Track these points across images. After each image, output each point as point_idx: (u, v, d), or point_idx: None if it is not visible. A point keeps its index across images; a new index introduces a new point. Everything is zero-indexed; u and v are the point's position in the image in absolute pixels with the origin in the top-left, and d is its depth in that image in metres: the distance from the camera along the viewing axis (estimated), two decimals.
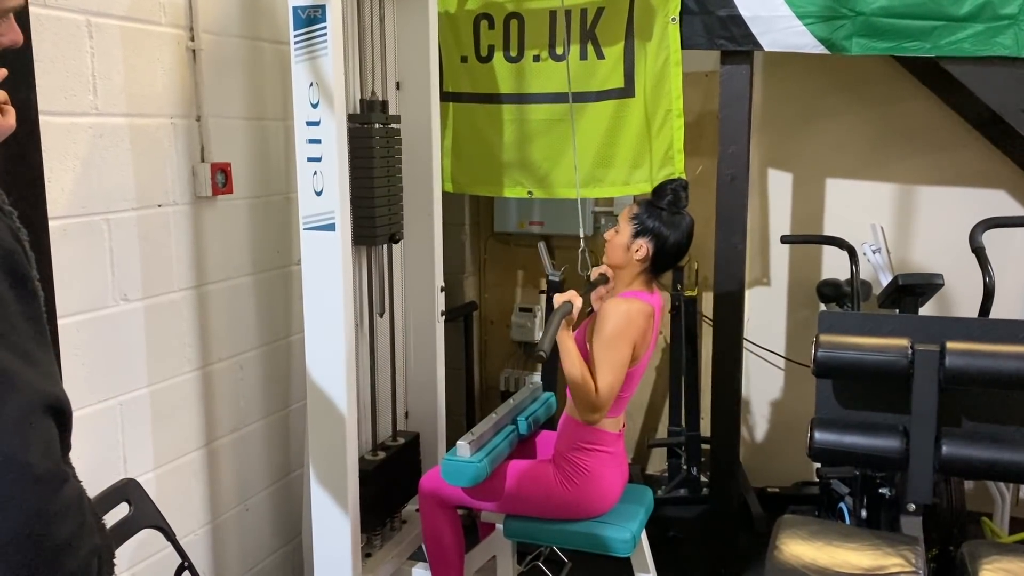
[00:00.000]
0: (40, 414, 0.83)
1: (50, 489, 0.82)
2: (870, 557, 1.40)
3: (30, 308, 0.87)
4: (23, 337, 0.84)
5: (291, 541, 3.02)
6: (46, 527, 0.81)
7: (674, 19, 2.87)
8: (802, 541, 1.46)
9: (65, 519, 0.83)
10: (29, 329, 0.86)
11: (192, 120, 2.51)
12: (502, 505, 2.43)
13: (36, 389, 0.83)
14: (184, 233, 2.51)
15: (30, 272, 0.88)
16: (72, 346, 2.13)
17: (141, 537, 2.21)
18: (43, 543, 0.81)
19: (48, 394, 0.85)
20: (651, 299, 2.38)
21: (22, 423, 0.81)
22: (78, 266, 2.15)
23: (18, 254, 0.86)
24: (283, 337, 2.93)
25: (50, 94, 2.04)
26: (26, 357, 0.84)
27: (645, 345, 2.35)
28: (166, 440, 2.47)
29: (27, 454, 0.81)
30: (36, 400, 0.83)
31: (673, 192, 2.38)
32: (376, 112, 2.59)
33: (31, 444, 0.81)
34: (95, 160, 2.19)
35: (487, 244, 4.12)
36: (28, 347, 0.85)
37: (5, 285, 0.83)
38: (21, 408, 0.81)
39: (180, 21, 2.44)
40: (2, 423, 0.80)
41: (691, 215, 2.42)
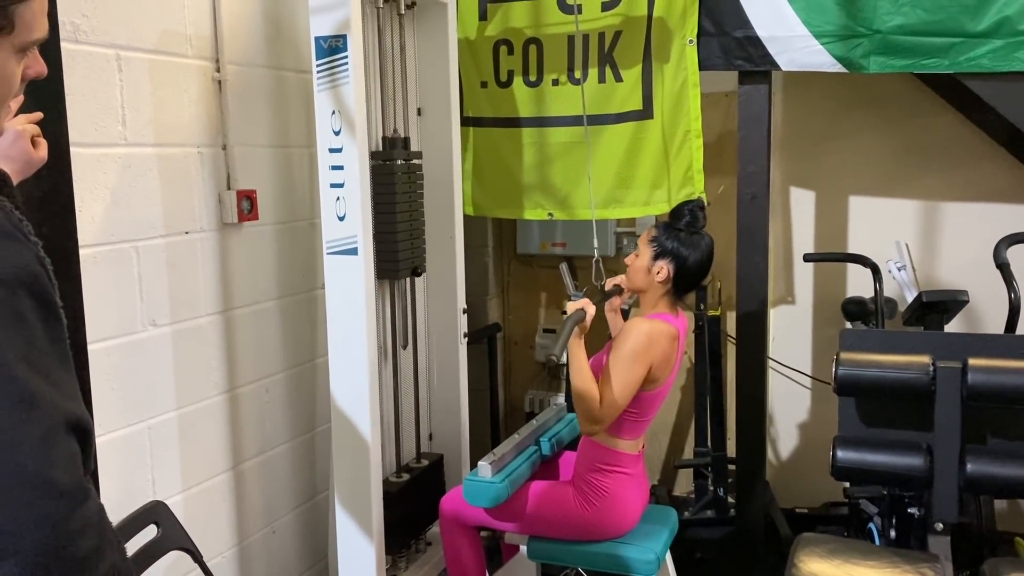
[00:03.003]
0: (63, 432, 0.86)
1: (72, 504, 0.85)
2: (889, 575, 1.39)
3: (54, 332, 0.90)
4: (48, 359, 0.88)
5: (317, 563, 3.04)
6: (68, 541, 0.84)
7: (691, 41, 2.90)
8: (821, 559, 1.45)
9: (86, 534, 0.86)
10: (53, 352, 0.89)
11: (218, 149, 2.57)
12: (523, 526, 2.44)
13: (59, 408, 0.87)
14: (211, 259, 2.56)
15: (54, 298, 0.92)
16: (102, 371, 2.18)
17: (169, 559, 2.24)
18: (64, 557, 0.84)
19: (71, 413, 0.88)
20: (676, 321, 2.38)
21: (46, 440, 0.84)
22: (108, 292, 2.21)
23: (43, 280, 0.90)
24: (308, 360, 2.97)
25: (81, 126, 2.10)
26: (50, 378, 0.87)
27: (669, 368, 2.35)
28: (194, 463, 2.51)
29: (51, 470, 0.84)
30: (59, 419, 0.86)
31: (691, 213, 2.39)
32: (398, 149, 2.64)
33: (54, 460, 0.84)
34: (124, 189, 2.26)
35: (510, 266, 4.15)
36: (52, 369, 0.88)
37: (31, 310, 0.87)
38: (45, 426, 0.84)
39: (206, 53, 2.50)
40: (27, 440, 0.83)
41: (711, 235, 2.43)
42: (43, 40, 1.00)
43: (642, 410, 2.35)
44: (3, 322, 0.83)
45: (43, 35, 0.99)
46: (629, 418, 2.35)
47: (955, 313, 2.88)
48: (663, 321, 2.33)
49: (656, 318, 2.34)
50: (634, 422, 2.36)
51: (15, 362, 0.84)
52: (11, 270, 0.85)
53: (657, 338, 2.28)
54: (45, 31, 0.99)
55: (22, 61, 0.99)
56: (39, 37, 0.98)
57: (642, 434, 2.43)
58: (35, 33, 0.97)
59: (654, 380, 2.32)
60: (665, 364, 2.31)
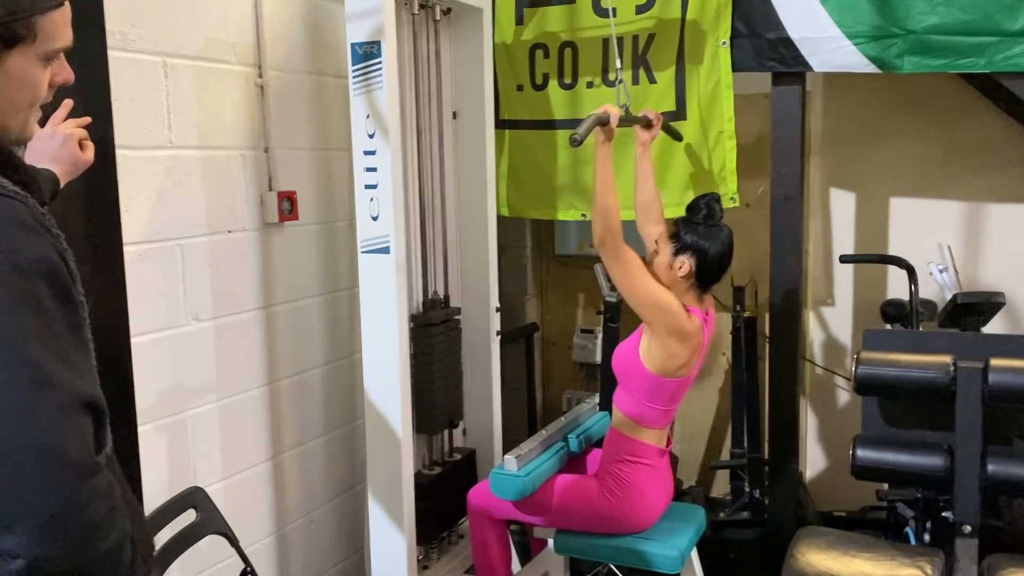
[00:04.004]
0: (76, 410, 0.95)
1: (82, 477, 0.93)
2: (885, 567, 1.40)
3: (71, 317, 0.99)
4: (64, 343, 0.96)
5: (354, 553, 3.13)
6: (78, 510, 0.92)
7: (724, 43, 2.91)
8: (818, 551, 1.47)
9: (95, 504, 0.94)
10: (70, 336, 0.98)
11: (260, 151, 2.67)
12: (548, 519, 2.49)
13: (73, 388, 0.95)
14: (252, 257, 2.67)
15: (72, 286, 1.00)
16: (146, 362, 2.29)
17: (209, 545, 2.35)
18: (74, 525, 0.92)
19: (84, 393, 0.96)
20: (703, 316, 2.41)
21: (60, 417, 0.92)
22: (152, 288, 2.32)
23: (62, 270, 0.98)
24: (347, 356, 3.07)
25: (129, 130, 2.22)
26: (66, 360, 0.95)
27: (696, 356, 2.38)
28: (234, 452, 2.62)
29: (63, 444, 0.92)
30: (73, 398, 0.94)
31: (707, 206, 2.42)
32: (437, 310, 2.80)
33: (67, 436, 0.93)
34: (169, 190, 2.37)
35: (549, 267, 4.20)
36: (68, 351, 0.96)
37: (48, 297, 0.95)
38: (59, 404, 0.93)
39: (249, 59, 2.61)
40: (42, 416, 0.91)
41: (729, 227, 2.44)
42: (67, 49, 1.08)
43: (664, 400, 2.38)
44: (21, 308, 0.92)
45: (67, 44, 1.08)
46: (654, 408, 2.38)
47: (991, 316, 2.84)
48: (696, 317, 2.37)
49: (693, 312, 2.37)
50: (660, 411, 2.39)
51: (32, 344, 0.92)
52: (30, 260, 0.94)
53: (682, 332, 2.31)
54: (69, 40, 1.08)
55: (48, 69, 1.07)
56: (63, 46, 1.07)
57: (667, 425, 2.46)
58: (58, 42, 1.06)
59: (683, 366, 2.34)
60: (678, 356, 2.33)
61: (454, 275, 2.95)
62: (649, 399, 2.36)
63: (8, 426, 0.91)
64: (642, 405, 2.36)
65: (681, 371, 2.36)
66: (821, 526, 1.86)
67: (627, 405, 2.41)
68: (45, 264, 0.95)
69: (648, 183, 2.70)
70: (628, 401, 2.41)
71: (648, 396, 2.35)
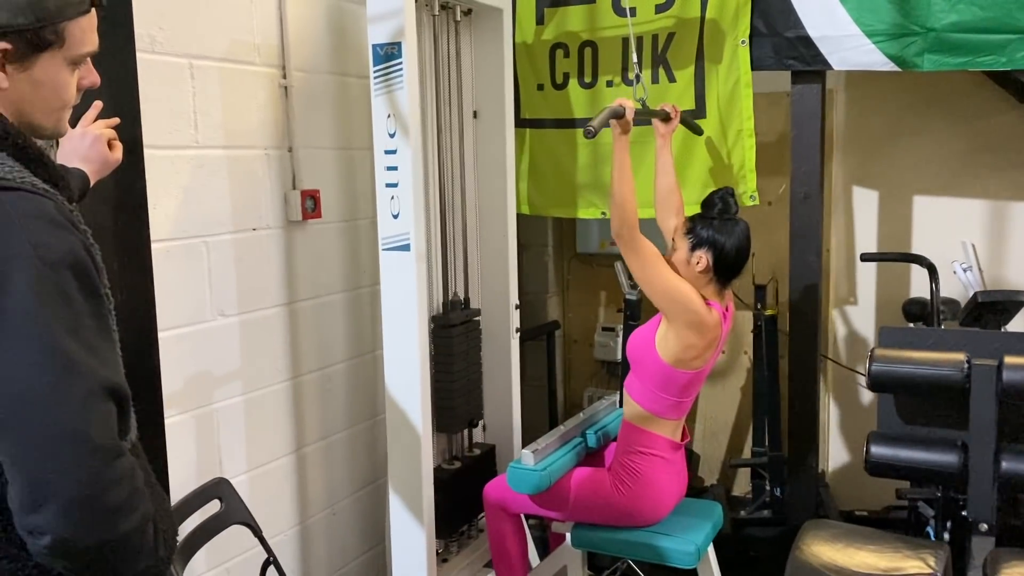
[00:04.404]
0: (101, 396, 1.00)
1: (106, 459, 0.98)
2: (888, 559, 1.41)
3: (96, 309, 1.04)
4: (89, 332, 1.01)
5: (376, 546, 3.18)
6: (102, 491, 0.97)
7: (744, 41, 2.92)
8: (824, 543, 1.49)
9: (118, 486, 0.99)
10: (95, 326, 1.03)
11: (284, 151, 2.73)
12: (565, 513, 2.52)
13: (98, 375, 1.00)
14: (276, 254, 2.73)
15: (98, 280, 1.05)
16: (173, 357, 2.35)
17: (233, 535, 2.41)
18: (98, 505, 0.97)
19: (109, 380, 1.01)
20: (723, 311, 2.42)
21: (85, 403, 0.98)
22: (179, 284, 2.38)
23: (88, 264, 1.03)
24: (369, 352, 3.12)
25: (156, 130, 2.29)
26: (91, 349, 1.00)
27: (711, 349, 2.39)
28: (259, 445, 2.68)
29: (88, 428, 0.97)
30: (97, 384, 0.99)
31: (722, 200, 2.43)
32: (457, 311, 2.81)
33: (92, 421, 0.98)
34: (196, 188, 2.43)
35: (570, 265, 4.22)
36: (93, 341, 1.01)
37: (75, 289, 1.00)
38: (84, 390, 0.98)
39: (273, 61, 2.67)
40: (68, 401, 0.96)
41: (745, 220, 2.45)
42: (93, 53, 1.14)
43: (676, 392, 2.39)
44: (50, 299, 0.97)
45: (93, 48, 1.13)
46: (666, 400, 2.40)
47: (1013, 314, 2.82)
48: (716, 311, 2.39)
49: (712, 306, 2.39)
50: (672, 403, 2.41)
51: (60, 334, 0.97)
52: (58, 254, 0.99)
53: (700, 323, 2.32)
54: (95, 45, 1.13)
55: (75, 72, 1.13)
56: (89, 50, 1.12)
57: (680, 417, 2.47)
58: (85, 47, 1.12)
59: (695, 357, 2.36)
60: (694, 348, 2.34)
61: (474, 272, 2.99)
62: (661, 389, 2.37)
63: (36, 411, 0.96)
64: (653, 394, 2.38)
65: (695, 363, 2.38)
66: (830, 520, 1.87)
67: (639, 394, 2.43)
68: (72, 258, 1.00)
69: (668, 176, 2.72)
70: (639, 389, 2.43)
71: (660, 386, 2.37)
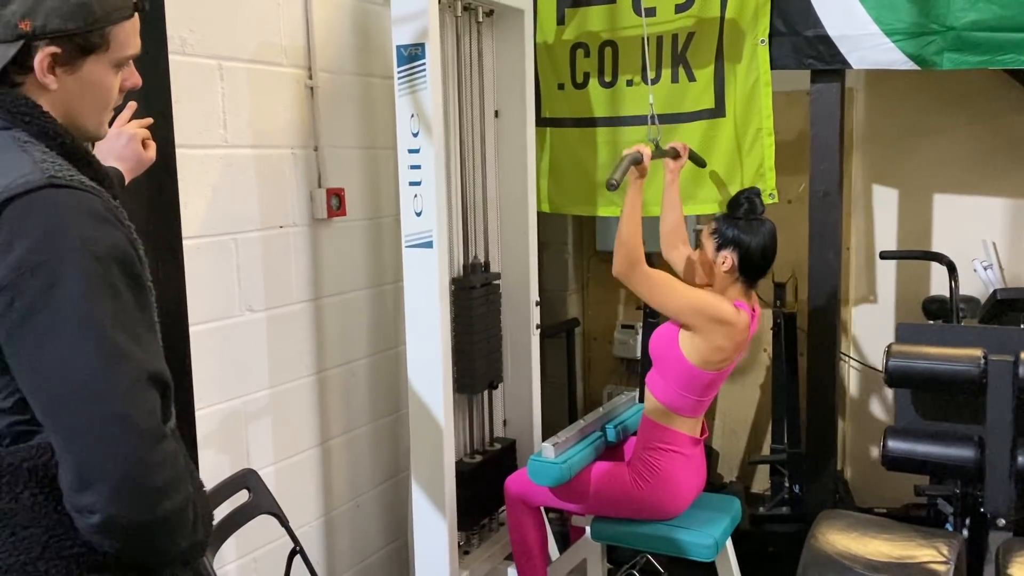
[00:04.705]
0: (145, 384, 1.05)
1: (151, 443, 1.04)
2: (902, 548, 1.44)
3: (141, 301, 1.09)
4: (135, 323, 1.07)
5: (398, 538, 3.24)
6: (147, 473, 1.03)
7: (763, 41, 2.95)
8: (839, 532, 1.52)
9: (162, 468, 1.04)
10: (140, 318, 1.08)
11: (310, 150, 2.79)
12: (584, 506, 2.56)
13: (143, 364, 1.05)
14: (303, 252, 2.79)
15: (142, 273, 1.10)
16: (202, 350, 2.42)
17: (260, 526, 2.47)
18: (143, 486, 1.02)
19: (153, 369, 1.07)
20: (751, 313, 2.45)
21: (131, 389, 1.03)
22: (208, 280, 2.45)
23: (133, 257, 1.09)
24: (392, 347, 3.17)
25: (187, 129, 2.35)
26: (137, 339, 1.06)
27: (736, 353, 2.42)
28: (284, 437, 2.74)
29: (134, 413, 1.02)
30: (142, 372, 1.05)
31: (748, 200, 2.46)
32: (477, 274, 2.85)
33: (137, 406, 1.03)
34: (224, 187, 2.49)
35: (590, 263, 4.26)
36: (138, 331, 1.07)
37: (122, 282, 1.06)
38: (131, 377, 1.03)
39: (300, 62, 2.73)
40: (115, 388, 1.02)
41: (771, 221, 2.48)
42: (136, 56, 1.19)
43: (699, 391, 2.42)
44: (98, 291, 1.02)
45: (136, 51, 1.19)
46: (688, 398, 2.43)
47: None
48: (744, 313, 2.41)
49: (740, 307, 2.41)
50: (694, 401, 2.44)
51: (107, 324, 1.02)
52: (105, 248, 1.04)
53: (729, 327, 2.34)
54: (138, 48, 1.19)
55: (119, 74, 1.18)
56: (132, 53, 1.18)
57: (701, 414, 2.50)
58: (128, 50, 1.17)
59: (722, 360, 2.39)
60: (721, 350, 2.37)
61: (495, 269, 3.03)
62: (684, 388, 2.41)
63: (86, 397, 1.02)
64: (676, 393, 2.42)
65: (722, 364, 2.41)
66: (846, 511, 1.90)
67: (661, 391, 2.46)
68: (118, 252, 1.06)
69: (676, 210, 2.77)
70: (662, 386, 2.46)
71: (683, 386, 2.41)
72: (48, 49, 1.10)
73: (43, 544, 1.08)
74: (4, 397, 1.05)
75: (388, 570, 3.21)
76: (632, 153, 2.43)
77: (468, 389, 2.85)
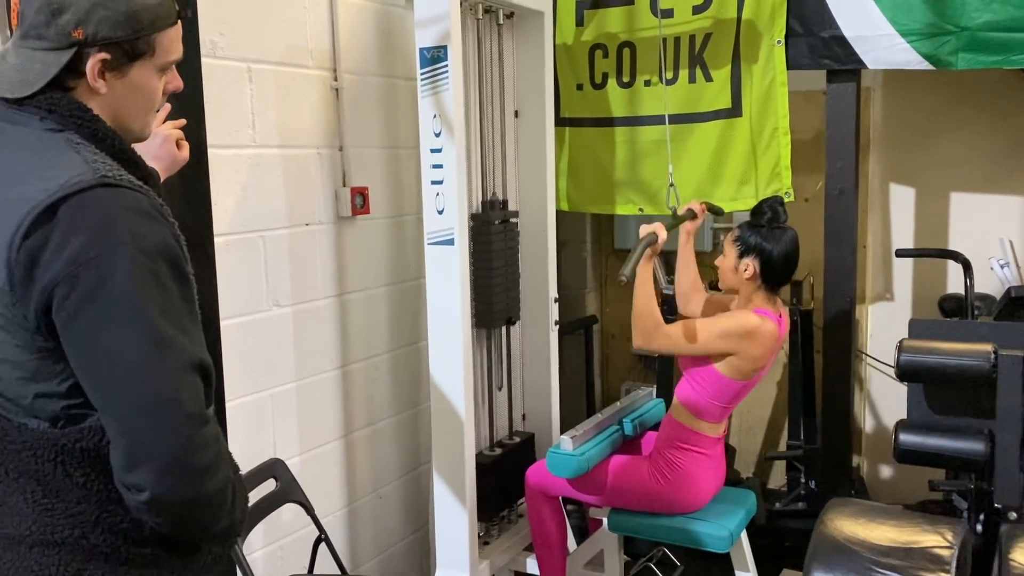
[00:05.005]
0: (190, 370, 1.12)
1: (196, 425, 1.11)
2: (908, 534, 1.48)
3: (185, 293, 1.16)
4: (180, 314, 1.14)
5: (419, 529, 3.31)
6: (192, 453, 1.10)
7: (779, 41, 2.99)
8: (847, 519, 1.57)
9: (206, 450, 1.11)
10: (184, 308, 1.15)
11: (335, 150, 2.86)
12: (602, 498, 2.61)
13: (188, 351, 1.12)
14: (328, 248, 2.86)
15: (186, 266, 1.17)
16: (232, 344, 2.50)
17: (286, 516, 2.55)
18: (188, 465, 1.09)
19: (196, 356, 1.14)
20: (777, 319, 2.46)
21: (177, 375, 1.10)
22: (238, 276, 2.53)
23: (177, 252, 1.16)
24: (414, 342, 3.24)
25: (218, 130, 2.43)
26: (182, 328, 1.13)
27: (762, 364, 2.44)
28: (310, 429, 2.82)
29: (180, 397, 1.09)
30: (187, 360, 1.12)
31: (771, 209, 2.49)
32: (496, 210, 2.91)
33: (183, 391, 1.10)
34: (253, 185, 2.57)
35: (608, 261, 4.31)
36: (183, 321, 1.14)
37: (167, 275, 1.13)
38: (177, 364, 1.10)
39: (325, 64, 2.80)
40: (163, 374, 1.09)
41: (794, 229, 2.51)
42: (178, 61, 1.26)
43: (728, 399, 2.47)
44: (147, 283, 1.09)
45: (178, 57, 1.26)
46: (716, 405, 2.47)
47: None
48: (770, 320, 2.41)
49: (764, 315, 2.42)
50: (721, 408, 2.48)
51: (155, 314, 1.09)
52: (153, 243, 1.12)
53: (758, 337, 2.36)
54: (180, 53, 1.26)
55: (162, 78, 1.26)
56: (175, 58, 1.26)
57: (725, 419, 2.55)
58: (172, 55, 1.25)
59: (751, 370, 2.42)
60: (756, 360, 2.40)
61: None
62: (714, 396, 2.45)
63: (135, 382, 1.09)
64: (706, 401, 2.45)
65: (754, 372, 2.44)
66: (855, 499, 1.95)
67: (689, 396, 2.49)
68: (164, 247, 1.13)
69: (691, 267, 2.77)
70: (690, 392, 2.49)
71: (713, 394, 2.44)
72: (99, 56, 1.17)
73: (95, 519, 1.15)
74: (60, 382, 1.13)
75: (410, 560, 3.29)
76: (647, 236, 2.44)
77: (487, 324, 2.89)
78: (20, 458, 1.14)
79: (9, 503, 1.15)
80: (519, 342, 3.16)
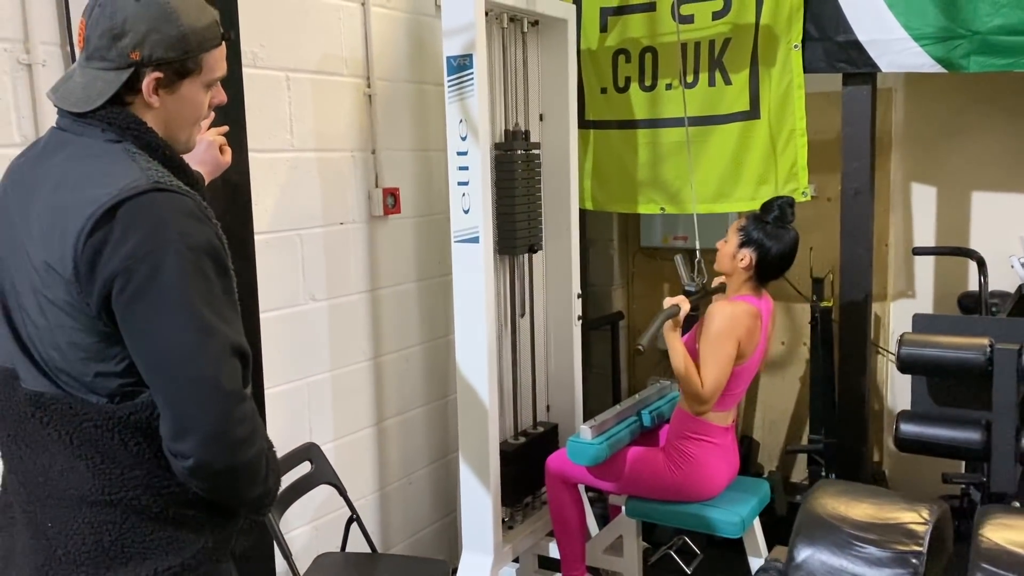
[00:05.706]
0: (230, 354, 1.27)
1: (235, 402, 1.26)
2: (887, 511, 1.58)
3: (226, 286, 1.32)
4: (221, 304, 1.29)
5: (448, 515, 3.46)
6: (231, 427, 1.25)
7: (796, 46, 3.08)
8: (830, 497, 1.67)
9: (243, 423, 1.27)
10: (225, 300, 1.31)
11: (368, 153, 3.02)
12: (619, 486, 2.74)
13: (228, 337, 1.28)
14: (361, 246, 3.02)
15: (227, 263, 1.33)
16: (270, 335, 2.66)
17: (320, 498, 2.71)
18: (228, 438, 1.25)
19: (235, 342, 1.29)
20: (758, 302, 2.61)
21: (219, 358, 1.25)
22: (276, 272, 2.70)
23: (220, 249, 1.31)
24: (443, 336, 3.39)
25: (258, 135, 2.60)
26: (223, 317, 1.28)
27: (753, 344, 2.58)
28: (344, 417, 2.98)
29: (221, 377, 1.25)
30: (227, 344, 1.27)
31: (780, 208, 2.60)
32: (519, 140, 3.00)
33: (224, 371, 1.25)
34: (291, 187, 2.74)
35: (635, 258, 4.42)
36: (224, 311, 1.29)
37: (211, 270, 1.28)
38: (218, 348, 1.26)
39: (359, 71, 2.96)
40: (206, 356, 1.24)
41: (796, 231, 2.62)
42: (223, 77, 1.42)
43: (730, 384, 2.59)
44: (193, 276, 1.25)
45: (223, 74, 1.42)
46: (722, 394, 2.59)
47: None
48: (744, 302, 2.56)
49: (739, 299, 2.58)
50: (724, 395, 2.60)
51: (200, 304, 1.25)
52: (198, 241, 1.27)
53: (740, 316, 2.52)
54: (224, 71, 1.42)
55: (208, 93, 1.42)
56: (220, 75, 1.41)
57: (732, 407, 2.67)
58: (217, 72, 1.40)
59: (741, 355, 2.55)
60: (749, 340, 2.54)
61: (539, 263, 3.23)
62: None
63: (182, 363, 1.24)
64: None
65: (742, 360, 2.56)
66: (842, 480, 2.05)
67: None
68: (209, 245, 1.28)
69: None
70: None
71: None
72: (153, 74, 1.33)
73: (145, 483, 1.31)
74: (117, 363, 1.28)
75: (438, 543, 3.44)
76: (670, 308, 2.54)
77: (509, 251, 3.00)
78: (83, 429, 1.31)
79: (74, 468, 1.31)
80: (543, 336, 3.29)
